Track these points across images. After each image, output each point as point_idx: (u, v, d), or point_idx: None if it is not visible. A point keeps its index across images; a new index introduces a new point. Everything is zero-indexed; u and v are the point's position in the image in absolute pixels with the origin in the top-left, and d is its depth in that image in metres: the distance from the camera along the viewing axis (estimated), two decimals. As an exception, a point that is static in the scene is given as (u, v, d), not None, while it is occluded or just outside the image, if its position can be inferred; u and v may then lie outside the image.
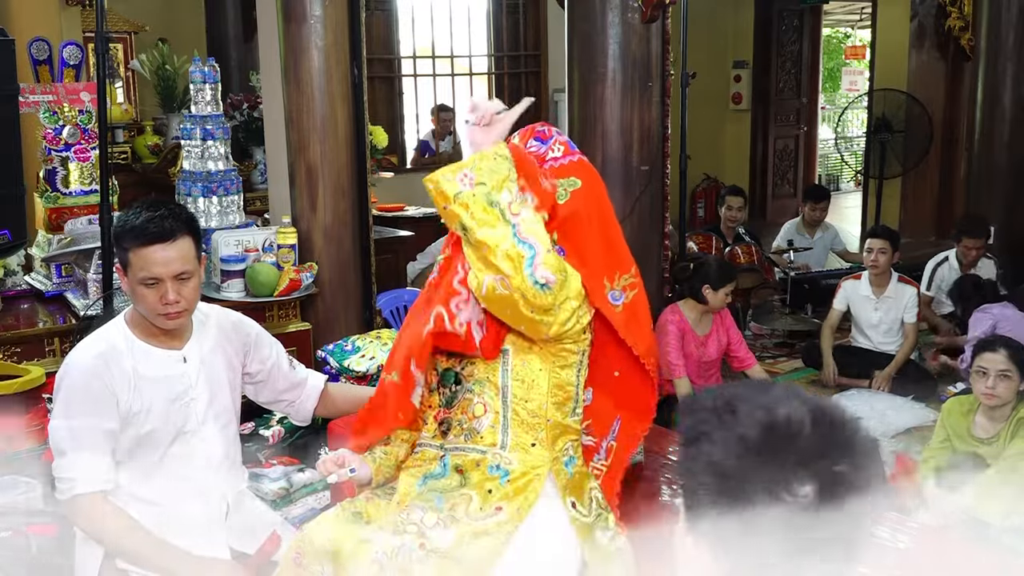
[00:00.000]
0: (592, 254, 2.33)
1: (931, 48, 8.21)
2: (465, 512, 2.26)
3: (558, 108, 9.18)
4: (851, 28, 16.09)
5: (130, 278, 2.41)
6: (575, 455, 2.38)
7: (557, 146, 2.38)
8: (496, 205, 2.12)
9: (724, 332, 4.95)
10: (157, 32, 8.44)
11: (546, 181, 2.28)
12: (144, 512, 2.46)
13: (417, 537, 2.20)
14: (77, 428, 2.38)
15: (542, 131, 2.43)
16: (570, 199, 2.33)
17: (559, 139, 2.40)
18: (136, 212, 2.41)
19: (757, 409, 1.14)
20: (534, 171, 2.24)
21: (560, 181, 2.34)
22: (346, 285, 4.69)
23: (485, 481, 2.29)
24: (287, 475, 3.35)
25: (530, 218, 2.13)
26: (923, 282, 6.13)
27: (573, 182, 2.35)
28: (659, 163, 5.08)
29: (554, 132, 2.42)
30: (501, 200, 2.12)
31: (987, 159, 7.03)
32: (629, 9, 4.83)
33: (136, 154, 7.94)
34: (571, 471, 2.35)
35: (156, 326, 2.48)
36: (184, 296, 2.41)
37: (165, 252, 2.37)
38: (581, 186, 2.35)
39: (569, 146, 2.40)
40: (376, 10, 8.64)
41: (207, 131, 4.57)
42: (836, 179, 14.29)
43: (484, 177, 2.13)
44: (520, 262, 2.09)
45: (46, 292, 4.51)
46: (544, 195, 2.24)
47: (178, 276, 2.39)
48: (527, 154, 2.30)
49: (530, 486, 2.28)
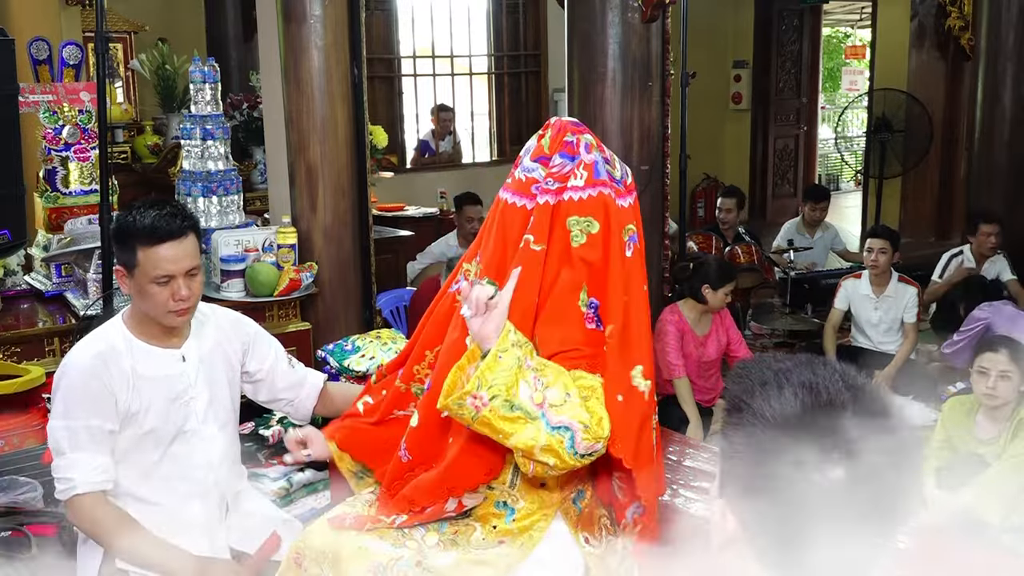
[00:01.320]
0: (614, 309, 2.21)
1: (931, 48, 8.21)
2: (467, 540, 2.23)
3: (558, 108, 9.18)
4: (851, 28, 16.09)
5: (137, 278, 2.41)
6: (584, 489, 2.33)
7: (581, 171, 2.21)
8: (518, 408, 2.00)
9: (724, 332, 4.95)
10: (157, 32, 8.44)
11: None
12: (144, 512, 2.46)
13: (416, 553, 2.19)
14: (76, 428, 2.38)
15: (570, 143, 2.24)
16: (587, 243, 2.20)
17: (584, 160, 2.22)
18: (140, 212, 2.41)
19: (800, 384, 1.14)
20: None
21: (577, 219, 2.19)
22: (346, 285, 4.69)
23: (490, 516, 2.26)
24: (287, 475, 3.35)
25: (557, 396, 2.02)
26: (936, 271, 6.15)
27: (590, 223, 2.20)
28: (659, 163, 5.08)
29: (582, 148, 2.23)
30: (521, 400, 2.00)
31: (987, 159, 7.03)
32: (629, 9, 4.83)
33: (136, 154, 7.94)
34: (580, 507, 2.31)
35: (160, 324, 2.48)
36: (193, 292, 2.45)
37: (176, 249, 2.40)
38: (599, 230, 2.20)
39: (594, 171, 2.21)
40: (376, 10, 8.65)
41: (207, 131, 4.57)
42: (836, 179, 14.29)
43: (496, 389, 2.00)
44: (561, 448, 2.02)
45: (46, 292, 4.50)
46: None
47: (188, 273, 2.42)
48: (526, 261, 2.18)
49: (536, 525, 2.24)
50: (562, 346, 2.16)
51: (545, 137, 2.26)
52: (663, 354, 4.78)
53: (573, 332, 2.18)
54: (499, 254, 2.26)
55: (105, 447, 2.41)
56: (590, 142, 2.25)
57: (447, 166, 9.22)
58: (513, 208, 2.25)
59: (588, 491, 2.34)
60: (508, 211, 2.26)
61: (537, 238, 2.20)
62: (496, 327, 2.03)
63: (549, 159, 2.24)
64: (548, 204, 2.21)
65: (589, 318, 2.20)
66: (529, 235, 2.20)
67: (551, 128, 2.27)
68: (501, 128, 9.89)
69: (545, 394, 2.02)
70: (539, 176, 2.23)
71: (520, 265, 2.18)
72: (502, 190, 2.31)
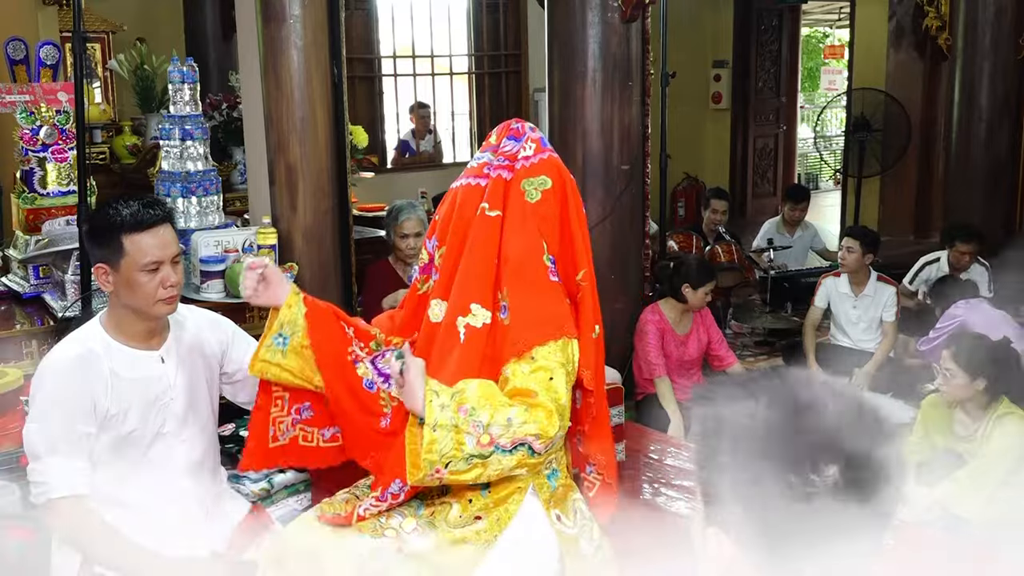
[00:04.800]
0: (567, 254, 2.38)
1: (909, 48, 8.25)
2: (444, 520, 2.27)
3: (538, 108, 9.19)
4: (830, 28, 16.18)
5: (124, 269, 2.40)
6: (558, 468, 2.38)
7: (529, 144, 2.40)
8: (473, 458, 2.13)
9: (704, 331, 4.96)
10: (135, 31, 8.39)
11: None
12: (122, 515, 2.44)
13: (395, 541, 2.22)
14: (52, 432, 2.36)
15: (516, 128, 2.45)
16: (541, 199, 2.35)
17: (531, 136, 2.42)
18: (120, 204, 2.43)
19: (775, 396, 1.15)
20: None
21: (531, 180, 2.35)
22: (327, 286, 4.67)
23: (466, 491, 2.30)
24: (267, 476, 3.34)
25: (499, 427, 2.13)
26: (908, 275, 6.18)
27: (544, 181, 2.37)
28: (639, 162, 5.10)
29: (527, 128, 2.44)
30: (471, 450, 2.12)
31: (964, 158, 7.09)
32: (609, 8, 4.84)
33: (115, 154, 7.89)
34: (554, 484, 2.36)
35: (142, 323, 2.48)
36: (179, 278, 2.47)
37: (162, 236, 2.44)
38: (552, 185, 2.37)
39: (541, 143, 2.42)
40: (356, 9, 8.63)
41: (186, 131, 4.55)
42: (815, 178, 14.36)
43: (446, 457, 2.12)
44: (526, 459, 2.16)
45: (23, 294, 4.47)
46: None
47: (173, 259, 2.45)
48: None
49: (511, 498, 2.28)
50: (535, 316, 2.28)
51: (493, 135, 2.46)
52: (644, 353, 4.79)
53: (545, 299, 2.31)
54: (458, 233, 2.38)
55: (82, 451, 2.39)
56: (534, 127, 2.47)
57: (428, 166, 9.21)
58: (468, 188, 2.41)
59: (563, 472, 2.40)
60: (463, 191, 2.42)
61: (492, 205, 2.35)
62: (416, 396, 2.14)
63: (497, 146, 2.42)
64: (501, 177, 2.38)
65: (551, 272, 2.34)
66: (484, 203, 2.36)
67: (497, 128, 2.48)
68: (482, 128, 9.88)
69: (489, 432, 2.13)
70: (489, 159, 2.41)
71: (476, 232, 2.34)
72: (455, 180, 2.48)
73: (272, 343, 2.35)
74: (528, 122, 2.48)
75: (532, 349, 2.23)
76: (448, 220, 2.42)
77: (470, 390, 2.17)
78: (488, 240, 2.33)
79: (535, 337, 2.24)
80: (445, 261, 2.39)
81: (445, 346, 2.32)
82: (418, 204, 5.15)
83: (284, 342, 2.35)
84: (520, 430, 2.13)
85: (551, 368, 2.22)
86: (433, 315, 2.38)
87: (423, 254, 2.48)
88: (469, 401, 2.14)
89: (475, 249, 2.34)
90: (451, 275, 2.37)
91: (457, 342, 2.30)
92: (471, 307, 2.30)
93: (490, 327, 2.30)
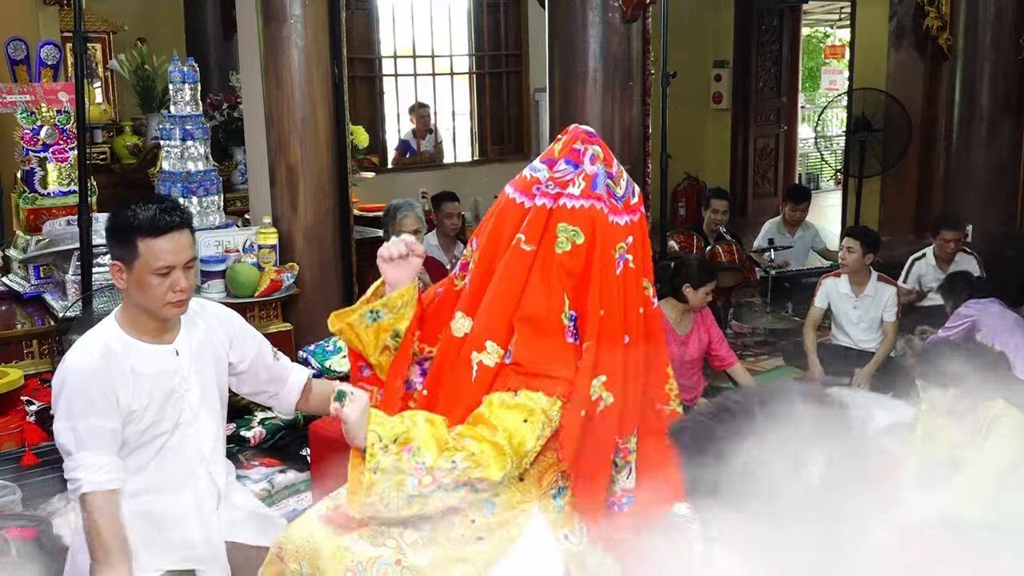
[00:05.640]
0: (592, 325, 2.27)
1: (910, 47, 8.25)
2: (446, 536, 2.25)
3: (539, 108, 9.19)
4: (830, 28, 16.16)
5: (137, 270, 2.45)
6: (564, 486, 2.34)
7: (580, 180, 2.28)
8: (413, 498, 2.13)
9: (705, 331, 4.96)
10: (136, 32, 8.39)
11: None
12: (139, 504, 2.51)
13: (395, 552, 2.21)
14: (80, 428, 2.42)
15: (577, 150, 2.32)
16: (571, 251, 2.26)
17: (587, 170, 2.28)
18: (140, 207, 2.47)
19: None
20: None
21: (566, 226, 2.26)
22: (327, 285, 4.68)
23: (468, 509, 2.27)
24: (268, 476, 3.35)
25: (443, 470, 2.12)
26: (901, 276, 6.19)
27: (577, 233, 2.26)
28: (640, 162, 5.10)
29: (587, 156, 2.30)
30: (411, 491, 2.12)
31: (965, 158, 7.08)
32: (610, 9, 4.84)
33: (115, 155, 7.90)
34: (560, 504, 2.33)
35: (155, 319, 2.52)
36: (190, 284, 2.52)
37: (176, 241, 2.47)
38: (583, 241, 2.26)
39: (592, 183, 2.28)
40: (356, 9, 8.62)
41: (187, 131, 4.55)
42: (816, 178, 14.34)
43: (386, 498, 2.13)
44: (469, 494, 2.16)
45: (24, 294, 4.47)
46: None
47: (186, 265, 2.49)
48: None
49: (515, 520, 2.26)
50: (534, 366, 2.22)
51: (560, 141, 2.35)
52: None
53: (552, 346, 2.25)
54: (491, 248, 2.35)
55: (110, 446, 2.45)
56: (597, 153, 2.31)
57: (428, 166, 9.20)
58: (512, 204, 2.34)
59: (568, 492, 2.35)
60: (508, 207, 2.35)
61: (528, 238, 2.28)
62: (358, 437, 2.12)
63: (555, 163, 2.32)
64: (544, 207, 2.29)
65: (569, 331, 2.27)
66: (521, 234, 2.29)
67: (568, 133, 2.36)
68: (482, 128, 9.88)
69: (433, 474, 2.12)
70: (542, 177, 2.32)
71: (509, 261, 2.28)
72: (508, 184, 2.40)
73: (364, 315, 2.39)
74: (595, 143, 2.32)
75: (520, 390, 2.21)
76: (487, 227, 2.38)
77: (417, 428, 2.15)
78: (516, 275, 2.27)
79: (528, 384, 2.21)
80: (475, 273, 2.36)
81: (458, 374, 2.30)
82: (416, 203, 5.11)
83: (375, 319, 2.40)
84: (464, 474, 2.13)
85: (532, 411, 2.19)
86: (456, 328, 2.34)
87: (467, 250, 2.44)
88: (414, 440, 2.13)
89: (503, 280, 2.28)
90: (478, 293, 2.33)
91: (469, 378, 2.28)
92: (486, 344, 2.26)
93: (499, 367, 2.27)
